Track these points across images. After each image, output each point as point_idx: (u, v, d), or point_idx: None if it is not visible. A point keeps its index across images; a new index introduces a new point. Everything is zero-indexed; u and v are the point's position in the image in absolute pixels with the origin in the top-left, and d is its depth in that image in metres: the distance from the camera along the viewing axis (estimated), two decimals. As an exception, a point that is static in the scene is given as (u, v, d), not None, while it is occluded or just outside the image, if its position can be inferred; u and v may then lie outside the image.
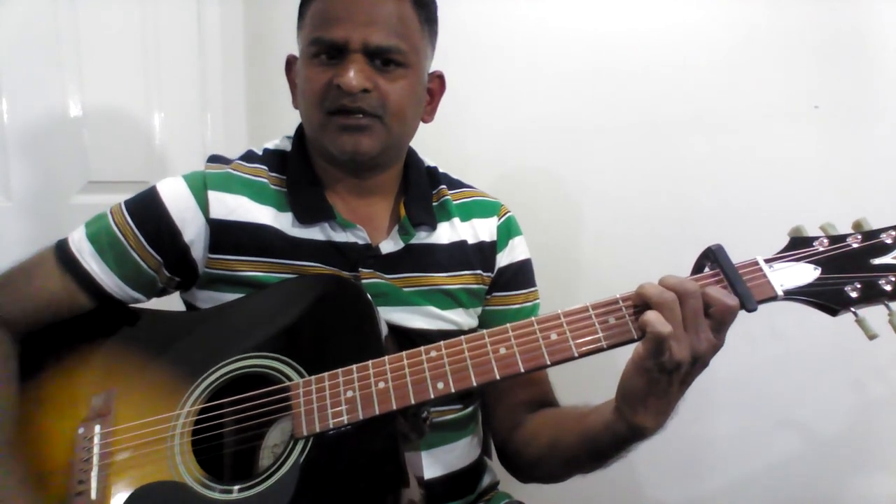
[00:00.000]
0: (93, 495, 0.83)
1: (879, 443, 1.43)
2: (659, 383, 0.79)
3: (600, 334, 0.80)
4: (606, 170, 1.56)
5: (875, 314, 0.79)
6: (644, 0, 1.51)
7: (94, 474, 0.84)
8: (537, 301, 1.16)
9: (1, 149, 1.35)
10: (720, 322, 0.77)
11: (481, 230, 1.10)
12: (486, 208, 1.13)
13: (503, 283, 1.11)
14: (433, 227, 1.06)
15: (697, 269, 0.84)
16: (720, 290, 0.78)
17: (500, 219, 1.13)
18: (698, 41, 1.48)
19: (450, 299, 1.05)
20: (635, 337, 0.79)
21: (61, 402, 0.92)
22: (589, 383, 1.00)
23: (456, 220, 1.09)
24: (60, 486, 0.85)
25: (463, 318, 1.07)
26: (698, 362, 0.78)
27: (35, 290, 0.97)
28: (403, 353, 0.83)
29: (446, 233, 1.07)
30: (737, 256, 0.82)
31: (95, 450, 0.86)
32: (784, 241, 0.85)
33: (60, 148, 1.45)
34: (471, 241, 1.09)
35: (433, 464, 1.02)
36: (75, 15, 1.45)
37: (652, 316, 0.76)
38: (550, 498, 1.46)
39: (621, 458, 0.91)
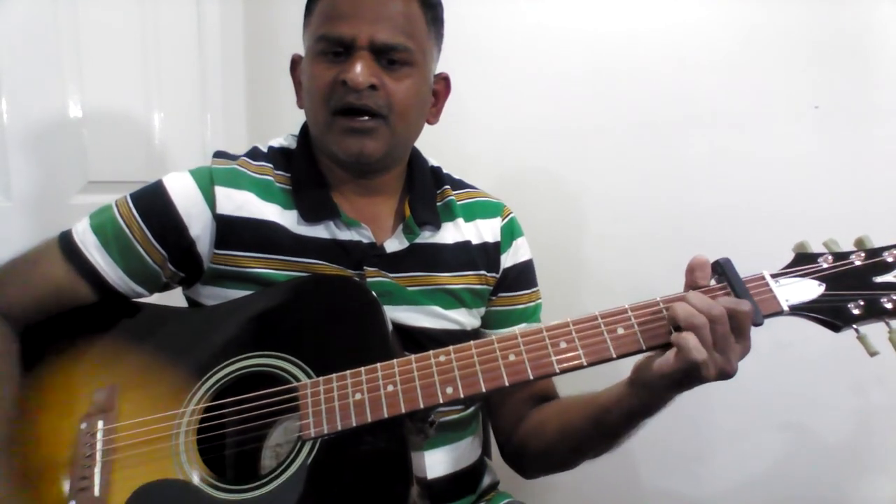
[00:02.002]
0: (95, 492, 0.82)
1: (880, 447, 1.44)
2: (681, 387, 0.80)
3: (609, 344, 0.80)
4: (607, 170, 1.56)
5: (875, 330, 0.80)
6: (644, 0, 1.51)
7: (96, 470, 0.84)
8: (540, 301, 1.16)
9: (1, 149, 1.34)
10: (740, 330, 0.77)
11: (485, 231, 1.10)
12: (489, 209, 1.13)
13: (508, 283, 1.12)
14: (438, 227, 1.06)
15: None
16: (732, 299, 0.78)
17: (503, 220, 1.13)
18: (698, 41, 1.48)
19: (453, 299, 1.05)
20: (644, 348, 0.80)
21: (64, 396, 0.91)
22: (590, 383, 1.00)
23: (460, 220, 1.09)
24: (63, 482, 0.84)
25: (466, 317, 1.07)
26: (726, 378, 0.78)
27: (37, 280, 0.96)
28: (412, 357, 0.83)
29: (451, 233, 1.08)
30: (737, 256, 0.82)
31: (98, 445, 0.86)
32: (783, 241, 0.86)
33: (60, 148, 1.44)
34: (475, 241, 1.09)
35: (434, 464, 1.02)
36: (75, 15, 1.44)
37: (690, 341, 0.75)
38: (550, 498, 1.46)
39: (629, 438, 0.91)
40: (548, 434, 1.01)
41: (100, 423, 0.87)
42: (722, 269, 0.81)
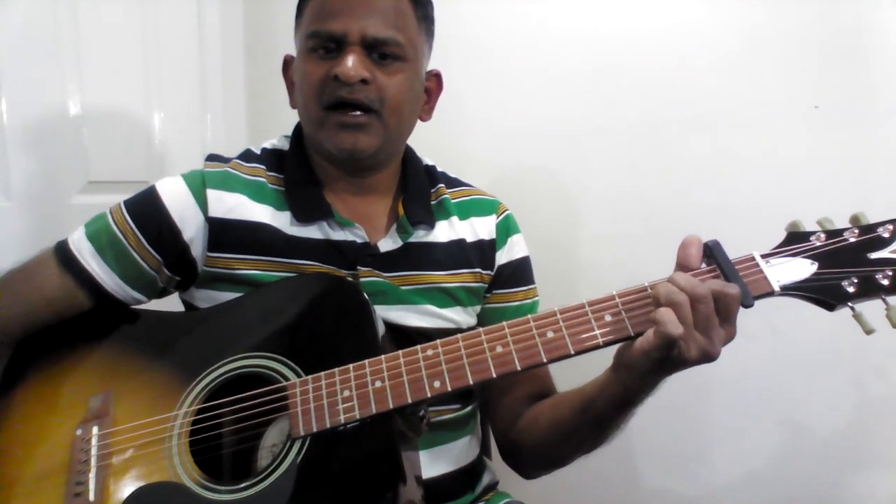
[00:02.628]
0: (91, 496, 0.83)
1: (879, 440, 1.43)
2: (663, 368, 0.79)
3: (597, 332, 0.79)
4: (606, 169, 1.56)
5: (872, 308, 0.78)
6: (644, 0, 1.51)
7: (92, 475, 0.84)
8: (536, 298, 1.16)
9: (1, 149, 1.35)
10: (726, 314, 0.76)
11: (480, 228, 1.10)
12: (484, 206, 1.13)
13: (503, 280, 1.11)
14: (431, 226, 1.06)
15: None
16: (720, 282, 0.77)
17: (498, 217, 1.13)
18: (698, 41, 1.48)
19: (448, 297, 1.05)
20: (632, 334, 0.78)
21: (59, 402, 0.92)
22: (587, 378, 1.00)
23: (454, 218, 1.09)
24: (58, 488, 0.84)
25: (461, 316, 1.07)
26: (708, 361, 0.77)
27: (34, 291, 0.97)
28: (400, 352, 0.83)
29: (445, 231, 1.07)
30: (737, 255, 0.81)
31: (93, 451, 0.86)
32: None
33: (60, 148, 1.44)
34: (469, 239, 1.09)
35: (432, 463, 1.02)
36: (75, 15, 1.45)
37: (666, 315, 0.74)
38: (550, 498, 1.46)
39: (618, 428, 0.91)
40: (540, 428, 1.00)
41: (95, 429, 0.88)
42: (711, 252, 0.80)
